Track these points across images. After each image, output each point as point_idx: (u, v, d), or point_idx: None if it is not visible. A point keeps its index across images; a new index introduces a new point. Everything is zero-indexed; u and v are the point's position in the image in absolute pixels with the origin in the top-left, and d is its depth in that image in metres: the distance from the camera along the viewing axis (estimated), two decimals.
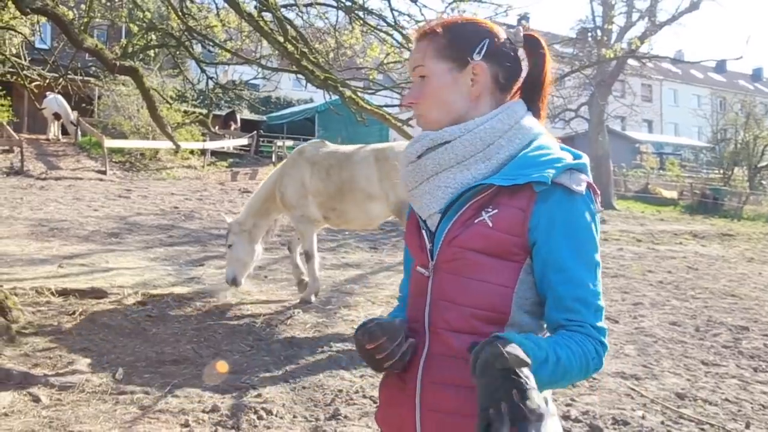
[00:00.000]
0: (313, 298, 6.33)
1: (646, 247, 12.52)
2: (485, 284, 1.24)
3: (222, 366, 4.42)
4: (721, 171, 28.21)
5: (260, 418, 3.60)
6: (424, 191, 1.31)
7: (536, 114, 1.37)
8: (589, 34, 23.87)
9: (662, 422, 3.78)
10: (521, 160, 1.26)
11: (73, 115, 20.44)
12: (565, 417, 3.77)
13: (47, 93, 18.07)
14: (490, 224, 1.23)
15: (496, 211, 1.23)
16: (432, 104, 1.34)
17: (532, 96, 1.37)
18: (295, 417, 3.66)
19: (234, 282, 6.30)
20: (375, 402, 3.89)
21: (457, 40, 1.32)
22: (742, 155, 27.02)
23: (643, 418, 3.82)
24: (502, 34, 1.34)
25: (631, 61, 22.16)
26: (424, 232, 1.34)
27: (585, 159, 1.29)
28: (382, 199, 5.95)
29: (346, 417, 3.67)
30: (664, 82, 48.56)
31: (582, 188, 1.22)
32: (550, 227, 1.21)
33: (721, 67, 53.15)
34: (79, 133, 20.49)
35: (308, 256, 6.31)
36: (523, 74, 1.38)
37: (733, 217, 21.75)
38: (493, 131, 1.28)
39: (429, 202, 1.31)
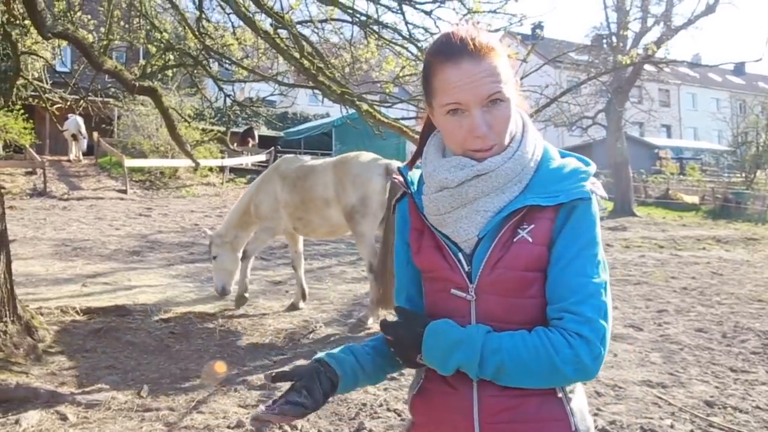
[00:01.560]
0: (246, 295, 6.74)
1: (669, 253, 12.37)
2: (532, 300, 1.26)
3: (220, 366, 4.44)
4: (743, 174, 27.84)
5: None
6: (461, 216, 1.28)
7: None
8: (604, 40, 23.76)
9: (691, 431, 3.72)
10: (546, 175, 1.28)
11: (83, 128, 20.75)
12: None
13: (68, 115, 18.40)
14: (531, 240, 1.24)
15: (533, 226, 1.25)
16: (504, 132, 1.25)
17: None
18: (319, 431, 3.66)
19: (223, 291, 6.71)
20: (399, 415, 3.87)
21: (507, 53, 1.27)
22: (764, 158, 26.66)
23: (671, 426, 3.76)
24: None
25: (647, 67, 21.99)
26: (454, 255, 1.30)
27: (592, 163, 1.32)
28: (336, 203, 6.10)
29: (370, 431, 3.65)
30: (682, 87, 48.17)
31: (604, 193, 1.29)
32: (568, 228, 1.25)
33: (740, 69, 52.64)
34: (85, 142, 20.73)
35: (246, 255, 6.76)
36: None
37: (758, 221, 21.41)
38: (528, 155, 1.28)
39: (467, 226, 1.28)
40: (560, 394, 1.26)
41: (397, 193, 1.46)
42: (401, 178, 1.41)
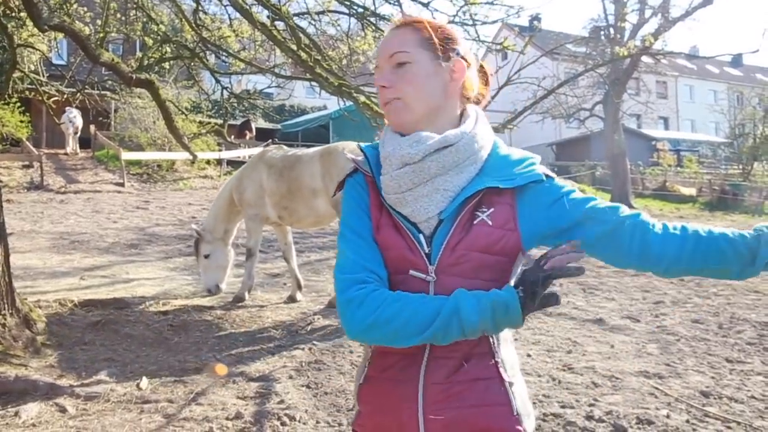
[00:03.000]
0: (246, 295, 6.60)
1: None
2: (490, 283, 1.27)
3: (221, 369, 4.46)
4: (741, 166, 27.90)
5: (283, 424, 3.62)
6: (421, 194, 1.29)
7: None
8: (602, 32, 23.75)
9: (687, 421, 3.74)
10: (500, 161, 1.35)
11: (76, 120, 20.59)
12: (589, 417, 3.75)
13: (65, 108, 18.34)
14: (490, 223, 1.28)
15: (492, 209, 1.29)
16: (413, 92, 1.32)
17: None
18: (318, 423, 3.68)
19: (217, 289, 6.68)
20: None
21: (442, 36, 1.35)
22: (761, 150, 26.73)
23: (667, 417, 3.79)
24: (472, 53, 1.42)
25: (645, 59, 21.98)
26: (413, 235, 1.29)
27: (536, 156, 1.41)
28: (324, 193, 6.09)
29: None
30: (679, 79, 48.12)
31: (552, 175, 1.37)
32: (548, 207, 1.32)
33: (737, 61, 52.60)
34: (72, 126, 20.53)
35: (250, 254, 6.64)
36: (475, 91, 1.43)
37: (754, 212, 21.48)
38: (482, 135, 1.36)
39: (428, 205, 1.29)
40: (505, 378, 1.28)
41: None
42: (362, 157, 1.41)
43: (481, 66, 1.45)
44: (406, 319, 1.20)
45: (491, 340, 1.29)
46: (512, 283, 1.25)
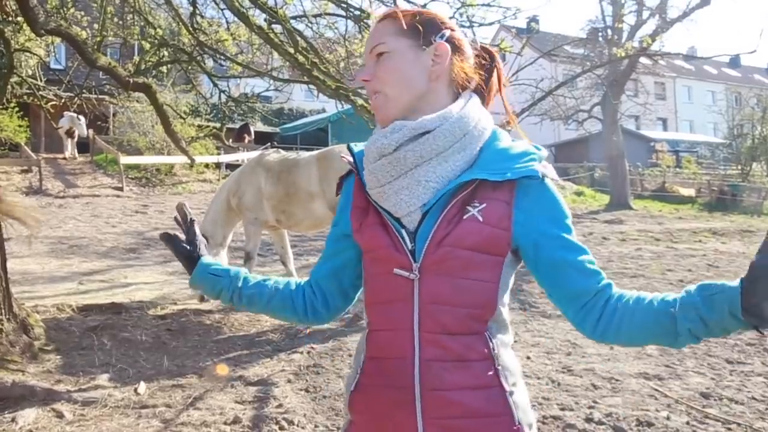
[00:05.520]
0: None
1: (665, 246, 12.39)
2: (478, 282, 1.22)
3: (222, 369, 4.45)
4: (739, 167, 27.93)
5: (282, 428, 3.60)
6: (401, 187, 1.23)
7: None
8: (600, 33, 23.73)
9: (687, 422, 3.73)
10: (496, 153, 1.26)
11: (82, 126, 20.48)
12: (588, 419, 3.74)
13: (63, 113, 18.33)
14: (481, 219, 1.21)
15: (484, 205, 1.21)
16: (391, 80, 1.28)
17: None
18: (316, 427, 3.66)
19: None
20: None
21: (422, 22, 1.30)
22: (760, 150, 26.75)
23: (667, 418, 3.78)
24: (465, 36, 1.35)
25: (643, 60, 22.02)
26: (397, 231, 1.25)
27: (543, 149, 1.32)
28: (321, 197, 6.09)
29: None
30: (677, 80, 48.20)
31: (556, 176, 1.28)
32: (542, 214, 1.24)
33: (735, 62, 52.70)
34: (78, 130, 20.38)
35: (248, 257, 6.58)
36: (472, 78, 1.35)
37: (753, 213, 21.48)
38: (468, 120, 1.26)
39: (408, 198, 1.23)
40: (507, 388, 1.22)
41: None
42: (350, 157, 1.37)
43: (483, 49, 1.38)
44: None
45: (489, 343, 1.23)
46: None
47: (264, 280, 1.49)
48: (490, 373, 1.22)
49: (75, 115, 17.04)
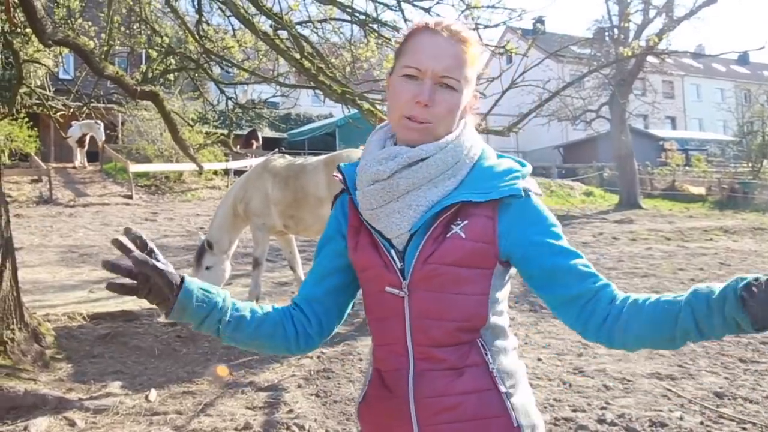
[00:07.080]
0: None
1: (676, 245, 12.31)
2: (465, 297, 1.25)
3: (222, 370, 4.45)
4: (750, 164, 27.73)
5: None
6: (393, 210, 1.26)
7: None
8: (606, 33, 23.66)
9: (701, 422, 3.69)
10: (481, 173, 1.29)
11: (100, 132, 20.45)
12: (601, 420, 3.71)
13: (72, 123, 18.45)
14: (463, 235, 1.24)
15: (466, 221, 1.24)
16: (447, 119, 1.27)
17: None
18: (327, 431, 3.65)
19: None
20: None
21: (480, 57, 1.30)
22: None
23: (681, 419, 3.74)
24: None
25: (650, 58, 21.89)
26: (387, 251, 1.28)
27: (528, 164, 1.34)
28: (329, 201, 6.03)
29: None
30: (685, 78, 47.94)
31: (539, 190, 1.30)
32: (527, 226, 1.25)
33: (743, 59, 52.36)
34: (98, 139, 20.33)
35: (257, 263, 6.54)
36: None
37: (765, 210, 21.29)
38: (462, 149, 1.28)
39: (399, 221, 1.26)
40: (502, 389, 1.24)
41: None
42: (340, 176, 1.38)
43: None
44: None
45: (483, 350, 1.26)
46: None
47: (246, 304, 1.35)
48: (485, 377, 1.25)
49: (93, 120, 17.13)
